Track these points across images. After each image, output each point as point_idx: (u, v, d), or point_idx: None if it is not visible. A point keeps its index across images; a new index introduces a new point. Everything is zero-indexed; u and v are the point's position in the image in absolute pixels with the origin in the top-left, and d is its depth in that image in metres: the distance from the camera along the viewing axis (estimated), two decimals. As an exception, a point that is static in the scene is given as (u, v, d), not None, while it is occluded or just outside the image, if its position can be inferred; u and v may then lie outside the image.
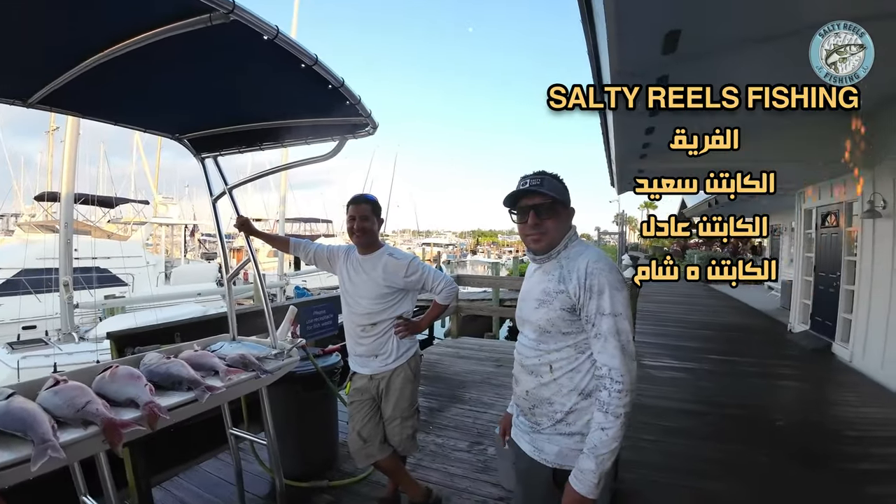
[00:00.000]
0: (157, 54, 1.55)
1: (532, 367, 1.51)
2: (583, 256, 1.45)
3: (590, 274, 1.39)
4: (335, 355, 3.24)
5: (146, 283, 13.00)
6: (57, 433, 1.45)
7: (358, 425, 2.45)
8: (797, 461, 3.54)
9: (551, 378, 1.46)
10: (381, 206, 2.50)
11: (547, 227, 1.49)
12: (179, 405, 1.84)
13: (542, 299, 1.48)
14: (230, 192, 2.81)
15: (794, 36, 3.20)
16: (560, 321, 1.44)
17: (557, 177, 1.54)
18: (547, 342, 1.47)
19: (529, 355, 1.52)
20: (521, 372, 1.56)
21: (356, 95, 1.99)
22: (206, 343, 2.57)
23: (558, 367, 1.45)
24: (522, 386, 1.54)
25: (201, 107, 2.30)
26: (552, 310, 1.45)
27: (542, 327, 1.48)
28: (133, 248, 14.03)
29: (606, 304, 1.37)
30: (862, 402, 4.99)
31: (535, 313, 1.50)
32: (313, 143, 2.64)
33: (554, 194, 1.47)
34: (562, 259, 1.49)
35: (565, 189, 1.53)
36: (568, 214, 1.53)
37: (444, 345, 7.34)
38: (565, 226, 1.52)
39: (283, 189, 17.04)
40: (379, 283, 2.40)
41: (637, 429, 3.93)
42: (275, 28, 1.44)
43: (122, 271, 12.87)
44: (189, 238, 23.58)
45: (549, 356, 1.47)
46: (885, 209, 5.67)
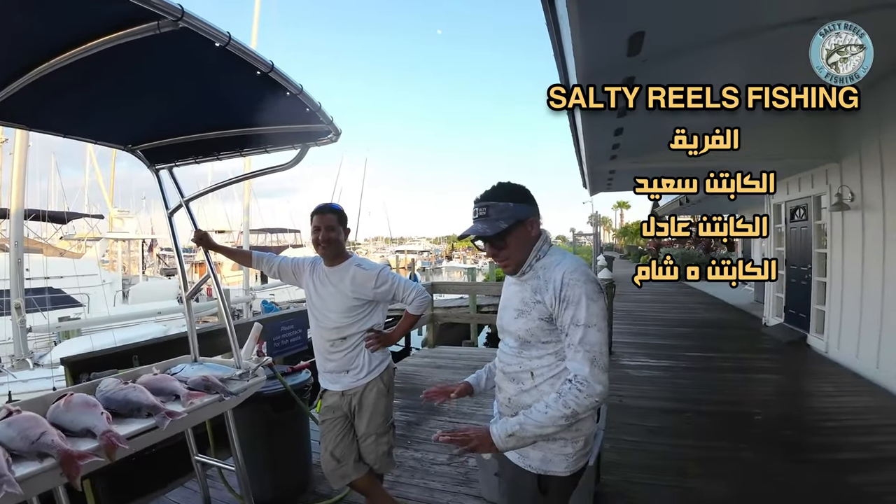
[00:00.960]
0: (105, 63, 1.52)
1: (514, 375, 1.53)
2: (559, 267, 1.45)
3: (565, 284, 1.41)
4: (305, 372, 3.18)
5: (103, 303, 12.54)
6: (12, 467, 1.42)
7: (331, 445, 2.41)
8: (778, 454, 3.65)
9: (532, 385, 1.48)
10: (346, 216, 2.47)
11: (508, 252, 1.49)
12: (139, 433, 1.80)
13: (520, 309, 1.50)
14: (186, 204, 2.75)
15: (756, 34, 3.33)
16: (539, 331, 1.46)
17: (511, 189, 1.49)
18: (528, 350, 1.50)
19: (511, 363, 1.54)
20: (503, 379, 1.58)
21: (316, 102, 1.97)
22: (165, 366, 2.51)
23: (539, 374, 1.47)
24: (505, 393, 1.57)
25: (153, 116, 2.25)
26: (531, 320, 1.47)
27: (521, 337, 1.50)
28: (88, 266, 13.59)
29: (580, 315, 1.38)
30: (839, 391, 5.17)
31: (515, 323, 1.52)
32: (274, 151, 2.60)
33: (503, 222, 1.44)
34: (538, 269, 1.50)
35: (521, 202, 1.48)
36: (527, 230, 1.49)
37: (420, 355, 7.33)
38: (528, 240, 1.50)
39: (247, 199, 16.75)
40: (347, 296, 2.37)
41: (618, 430, 4.00)
42: (226, 35, 1.42)
43: (77, 291, 12.45)
44: (147, 253, 22.89)
45: (530, 363, 1.49)
46: (853, 202, 5.90)
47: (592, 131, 5.15)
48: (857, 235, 5.86)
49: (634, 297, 12.76)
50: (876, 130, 5.32)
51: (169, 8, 1.27)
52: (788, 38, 3.38)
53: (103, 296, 12.83)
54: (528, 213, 1.49)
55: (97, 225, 19.90)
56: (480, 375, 1.79)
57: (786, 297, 8.35)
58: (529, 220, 1.49)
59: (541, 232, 1.53)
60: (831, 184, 6.46)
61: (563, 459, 1.46)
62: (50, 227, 17.21)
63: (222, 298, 2.90)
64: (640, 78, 3.36)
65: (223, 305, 2.86)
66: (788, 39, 3.42)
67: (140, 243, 21.44)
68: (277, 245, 29.69)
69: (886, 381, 5.11)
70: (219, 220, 27.20)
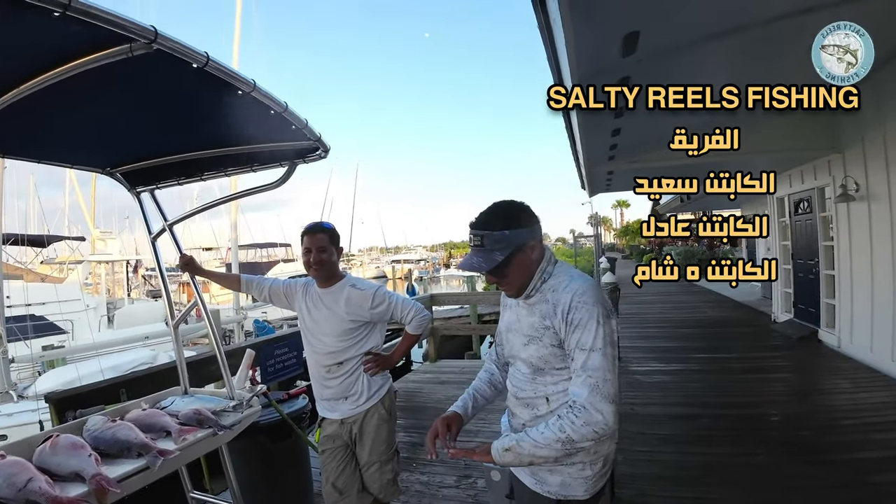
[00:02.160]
0: (78, 87, 1.48)
1: (528, 401, 1.51)
2: (568, 289, 1.42)
3: (573, 307, 1.38)
4: (302, 398, 3.13)
5: (87, 329, 12.48)
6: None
7: (332, 476, 2.37)
8: (796, 457, 3.63)
9: (548, 410, 1.46)
10: (339, 234, 2.44)
11: (509, 280, 1.47)
12: (130, 475, 1.75)
13: (530, 335, 1.47)
14: (170, 228, 2.70)
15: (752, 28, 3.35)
16: (552, 357, 1.44)
17: (507, 215, 1.45)
18: (543, 376, 1.47)
19: (525, 388, 1.52)
20: (517, 405, 1.55)
21: (302, 119, 1.95)
22: (155, 400, 2.45)
23: (555, 399, 1.45)
24: (519, 419, 1.55)
25: (132, 138, 2.22)
26: (543, 346, 1.44)
27: (534, 364, 1.47)
28: (71, 291, 13.54)
29: (586, 339, 1.35)
30: (855, 387, 5.17)
31: (526, 350, 1.49)
32: (260, 170, 2.57)
33: (498, 254, 1.41)
34: (546, 292, 1.46)
35: (518, 227, 1.44)
36: (527, 255, 1.45)
37: (422, 371, 7.28)
38: (529, 265, 1.46)
39: (234, 215, 16.71)
40: (343, 318, 2.33)
41: (631, 440, 3.97)
42: (204, 55, 1.39)
43: (60, 317, 12.31)
44: (132, 275, 22.78)
45: (545, 388, 1.47)
46: (857, 192, 5.93)
47: (590, 133, 5.16)
48: (864, 226, 5.89)
49: (639, 299, 12.77)
50: (878, 118, 5.34)
51: (141, 30, 1.24)
52: (785, 31, 3.40)
53: (87, 321, 12.76)
54: (526, 237, 1.44)
55: (79, 247, 19.81)
56: (467, 402, 1.74)
57: (794, 292, 8.37)
58: (529, 245, 1.45)
59: (543, 251, 1.50)
60: (835, 175, 6.50)
61: (583, 483, 1.44)
62: (30, 251, 17.12)
63: (211, 324, 2.85)
64: (635, 78, 3.38)
65: (213, 332, 2.81)
66: (785, 33, 3.44)
67: (124, 265, 21.29)
68: (268, 260, 29.63)
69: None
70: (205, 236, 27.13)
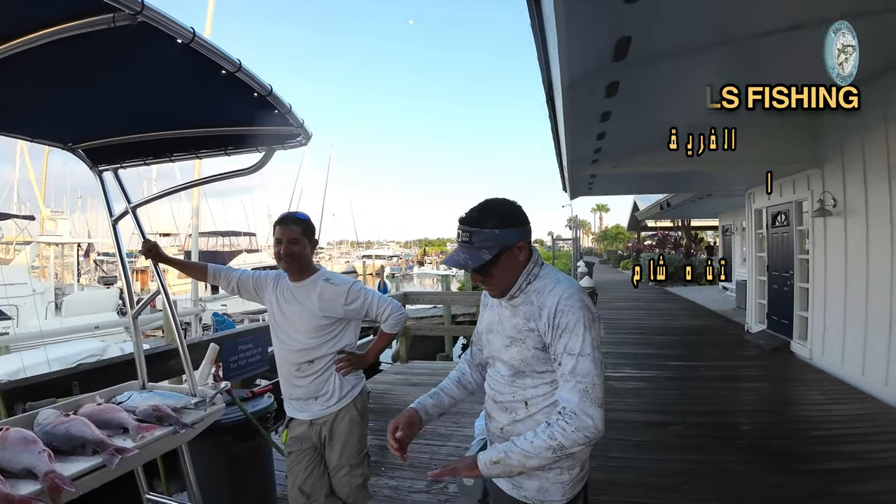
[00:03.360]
0: (49, 56, 1.43)
1: (506, 404, 1.52)
2: (553, 292, 1.43)
3: (559, 311, 1.39)
4: (267, 396, 3.08)
5: (34, 316, 12.03)
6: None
7: (299, 479, 2.33)
8: (768, 465, 3.75)
9: (527, 414, 1.47)
10: (314, 226, 2.41)
11: (493, 280, 1.48)
12: (85, 473, 1.71)
13: (513, 337, 1.48)
14: (133, 211, 2.63)
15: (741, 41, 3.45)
16: (534, 360, 1.45)
17: (498, 213, 1.46)
18: (522, 379, 1.48)
19: (503, 391, 1.52)
20: (495, 408, 1.56)
21: (286, 104, 1.92)
22: (110, 394, 2.40)
23: (534, 403, 1.46)
24: (496, 423, 1.55)
25: (99, 113, 2.16)
26: (525, 349, 1.45)
27: (515, 366, 1.48)
28: (17, 274, 13.04)
29: (574, 344, 1.37)
30: (826, 399, 5.37)
31: (507, 352, 1.50)
32: (234, 154, 2.52)
33: (486, 252, 1.42)
34: (531, 294, 1.48)
35: (508, 226, 1.44)
36: (514, 255, 1.46)
37: (392, 371, 7.24)
38: (515, 266, 1.47)
39: (196, 200, 16.29)
40: (315, 314, 2.30)
41: (606, 446, 4.02)
42: (190, 31, 1.36)
43: (5, 302, 11.96)
44: (83, 259, 22.03)
45: (524, 392, 1.48)
46: (835, 207, 6.14)
47: (575, 136, 5.23)
48: (840, 241, 6.10)
49: (616, 305, 13.00)
50: (859, 134, 5.54)
51: (128, 0, 1.20)
52: (772, 44, 3.50)
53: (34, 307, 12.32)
54: (515, 237, 1.45)
55: (27, 227, 19.03)
56: (426, 401, 1.69)
57: (768, 304, 8.64)
58: (518, 246, 1.46)
59: (531, 253, 1.51)
60: (813, 189, 6.71)
61: (560, 488, 1.46)
62: (-28, 229, 16.42)
63: (173, 315, 2.78)
64: (623, 82, 3.44)
65: (174, 324, 2.73)
66: (771, 46, 3.55)
67: (75, 248, 20.54)
68: (230, 249, 29.01)
69: (872, 388, 5.31)
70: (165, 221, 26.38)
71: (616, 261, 34.62)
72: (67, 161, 16.87)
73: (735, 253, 15.19)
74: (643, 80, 3.80)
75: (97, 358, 8.43)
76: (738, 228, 14.29)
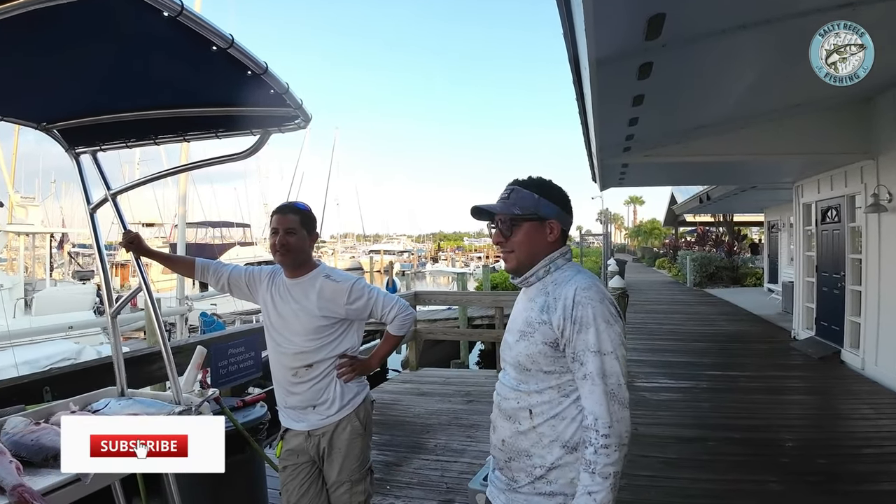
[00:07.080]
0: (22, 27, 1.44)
1: (510, 412, 1.53)
2: (571, 283, 1.47)
3: (577, 303, 1.42)
4: (259, 406, 3.11)
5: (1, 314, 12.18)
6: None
7: (293, 497, 2.35)
8: (811, 486, 3.74)
9: (531, 425, 1.49)
10: (314, 218, 2.42)
11: (513, 244, 1.55)
12: (57, 487, 1.73)
13: (523, 330, 1.52)
14: (113, 198, 2.64)
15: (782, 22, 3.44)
16: (541, 357, 1.47)
17: (542, 184, 1.58)
18: (527, 382, 1.51)
19: (508, 396, 1.55)
20: (499, 417, 1.59)
21: (283, 83, 1.92)
22: (85, 401, 2.42)
23: (539, 412, 1.48)
24: (499, 434, 1.57)
25: (77, 90, 2.17)
26: (533, 343, 1.48)
27: (521, 363, 1.51)
28: (-18, 268, 13.18)
29: (597, 341, 1.40)
30: (878, 414, 5.34)
31: (516, 347, 1.54)
32: (226, 137, 2.53)
33: (517, 209, 1.53)
34: (548, 285, 1.52)
35: (548, 198, 1.55)
36: (543, 230, 1.55)
37: (400, 380, 7.27)
38: (541, 243, 1.55)
39: (184, 186, 16.30)
40: (314, 314, 2.31)
41: (633, 463, 4.01)
42: (179, 3, 1.36)
43: (-31, 298, 12.04)
44: (57, 251, 22.27)
45: (528, 398, 1.50)
46: (890, 202, 6.09)
47: (605, 122, 5.23)
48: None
49: (649, 308, 12.98)
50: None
51: None
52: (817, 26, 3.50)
53: (1, 305, 12.43)
54: (550, 212, 1.55)
55: (-5, 214, 19.26)
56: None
57: (817, 308, 8.59)
58: (550, 222, 1.55)
59: (562, 243, 1.57)
60: (867, 182, 6.66)
61: None
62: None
63: (156, 315, 2.80)
64: (657, 64, 3.45)
65: (157, 324, 2.75)
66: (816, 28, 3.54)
67: (47, 238, 20.75)
68: (221, 242, 29.20)
69: (930, 403, 5.27)
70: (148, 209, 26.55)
71: (651, 259, 34.36)
72: (41, 140, 16.92)
73: (782, 251, 15.06)
74: (679, 62, 3.79)
75: (71, 361, 8.52)
76: (786, 224, 14.16)
